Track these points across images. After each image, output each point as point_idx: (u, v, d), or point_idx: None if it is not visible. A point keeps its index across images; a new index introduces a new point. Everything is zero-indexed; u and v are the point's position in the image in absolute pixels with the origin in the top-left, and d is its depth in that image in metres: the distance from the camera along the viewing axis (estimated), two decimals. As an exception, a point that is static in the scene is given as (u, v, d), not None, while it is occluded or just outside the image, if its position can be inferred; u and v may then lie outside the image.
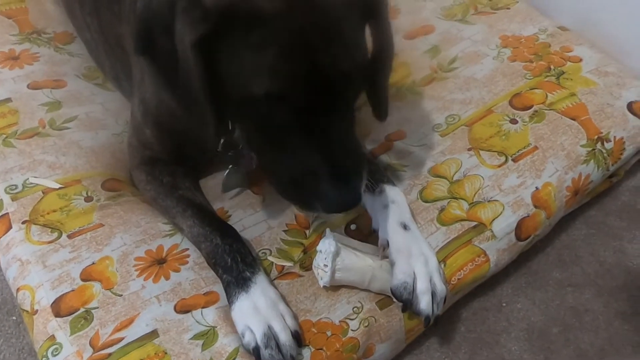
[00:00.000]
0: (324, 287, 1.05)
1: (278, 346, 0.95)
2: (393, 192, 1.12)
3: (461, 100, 1.35)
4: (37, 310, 1.02)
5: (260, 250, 1.11)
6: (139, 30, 0.90)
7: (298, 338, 0.98)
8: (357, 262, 1.04)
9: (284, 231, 1.15)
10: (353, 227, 1.15)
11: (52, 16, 1.62)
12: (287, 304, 1.02)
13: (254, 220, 1.17)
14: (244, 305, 0.99)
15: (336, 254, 1.02)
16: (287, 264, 1.10)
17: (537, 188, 1.19)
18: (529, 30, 1.51)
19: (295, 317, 1.01)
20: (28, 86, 1.40)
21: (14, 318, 1.22)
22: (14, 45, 1.51)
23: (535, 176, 1.21)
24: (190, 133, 1.05)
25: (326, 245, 1.03)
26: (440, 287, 1.03)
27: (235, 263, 1.03)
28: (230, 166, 1.17)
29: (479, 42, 1.49)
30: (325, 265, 1.03)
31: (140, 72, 1.14)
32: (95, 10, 1.35)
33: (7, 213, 1.14)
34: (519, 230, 1.17)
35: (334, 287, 1.05)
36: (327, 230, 1.07)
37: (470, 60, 1.45)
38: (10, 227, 1.12)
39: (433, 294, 1.02)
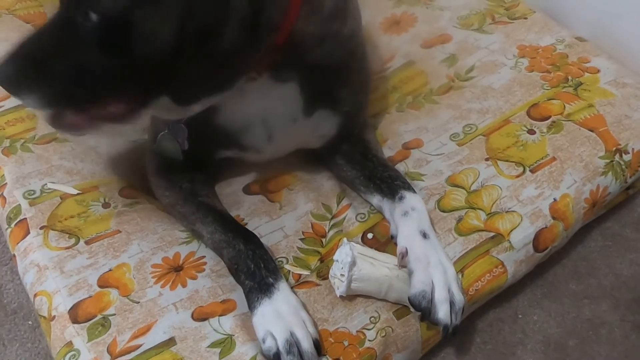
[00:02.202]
0: (341, 296, 1.05)
1: (300, 353, 0.95)
2: (413, 200, 1.12)
3: (478, 110, 1.35)
4: (54, 316, 1.02)
5: (277, 259, 1.11)
6: None
7: (318, 346, 0.97)
8: (374, 272, 1.03)
9: (301, 239, 1.15)
10: (370, 235, 1.15)
11: (69, 21, 1.63)
12: (307, 311, 1.02)
13: (271, 228, 1.17)
14: (266, 311, 0.98)
15: (353, 263, 1.02)
16: (304, 272, 1.09)
17: (555, 199, 1.19)
18: (547, 41, 1.51)
19: (315, 325, 1.00)
20: (46, 91, 1.41)
21: (30, 323, 1.22)
22: (32, 50, 1.51)
23: (553, 187, 1.20)
24: None
25: (343, 255, 1.03)
26: (459, 297, 1.03)
27: (258, 269, 1.03)
28: (166, 131, 1.15)
29: (496, 51, 1.49)
30: (342, 275, 1.03)
31: None
32: None
33: (25, 218, 1.15)
34: (537, 241, 1.16)
35: (351, 296, 1.05)
36: (344, 239, 1.07)
37: (488, 70, 1.44)
38: (28, 232, 1.13)
39: (451, 304, 1.01)
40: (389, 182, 1.16)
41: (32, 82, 0.93)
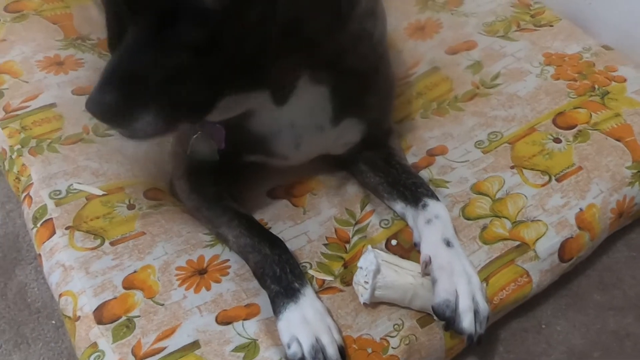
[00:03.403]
0: (364, 303, 1.04)
1: (325, 359, 0.94)
2: (437, 207, 1.11)
3: (504, 118, 1.34)
4: (79, 317, 1.03)
5: (300, 264, 1.10)
6: None
7: (343, 353, 0.97)
8: (398, 279, 1.03)
9: (324, 245, 1.15)
10: (394, 242, 1.14)
11: (96, 22, 1.64)
12: (333, 318, 1.01)
13: (294, 232, 1.17)
14: (292, 316, 0.98)
15: (377, 271, 1.01)
16: (328, 278, 1.09)
17: (581, 209, 1.18)
18: (573, 49, 1.50)
19: (340, 331, 1.00)
20: (72, 92, 1.42)
21: (53, 322, 1.23)
22: (59, 50, 1.53)
23: (579, 197, 1.19)
24: None
25: (367, 262, 1.03)
26: (483, 306, 1.02)
27: (284, 274, 1.03)
28: (200, 132, 1.12)
29: (522, 59, 1.48)
30: (366, 282, 1.02)
31: None
32: None
33: (52, 218, 1.16)
34: (563, 251, 1.15)
35: (375, 303, 1.05)
36: (369, 246, 1.07)
37: (513, 77, 1.43)
38: (54, 233, 1.14)
39: (475, 313, 1.01)
40: (412, 189, 1.16)
41: (139, 106, 0.86)
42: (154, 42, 0.85)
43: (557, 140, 1.28)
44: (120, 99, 0.84)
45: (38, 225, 1.16)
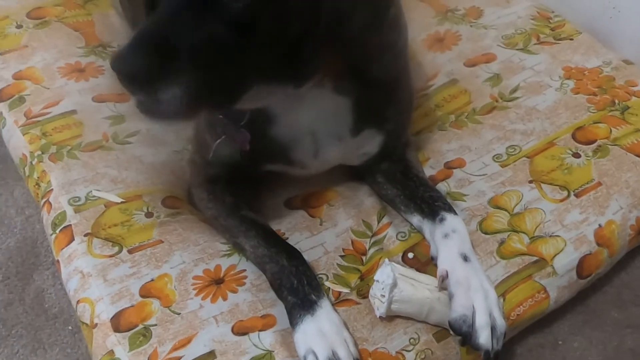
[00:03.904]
0: (380, 317, 1.04)
1: None
2: (454, 221, 1.11)
3: (522, 131, 1.34)
4: (96, 324, 1.04)
5: (317, 275, 1.10)
6: None
7: (359, 367, 0.97)
8: (414, 294, 1.03)
9: (341, 256, 1.15)
10: (411, 255, 1.14)
11: (117, 29, 1.66)
12: (349, 330, 1.01)
13: (311, 243, 1.17)
14: (308, 328, 0.98)
15: (394, 285, 1.01)
16: (344, 290, 1.09)
17: (600, 225, 1.17)
18: (593, 63, 1.49)
19: (356, 345, 1.00)
20: (93, 99, 1.43)
21: (70, 328, 1.24)
22: (80, 57, 1.55)
23: (598, 213, 1.18)
24: None
25: (384, 276, 1.03)
26: (500, 322, 1.01)
27: (301, 285, 1.02)
28: (224, 137, 1.10)
29: (541, 72, 1.47)
30: (383, 296, 1.02)
31: None
32: None
33: (70, 225, 1.17)
34: (581, 267, 1.14)
35: (391, 316, 1.04)
36: (386, 260, 1.07)
37: (533, 91, 1.43)
38: (72, 239, 1.15)
39: (493, 329, 1.00)
40: (429, 202, 1.15)
41: (169, 74, 0.80)
42: (194, 10, 0.81)
43: (576, 155, 1.27)
44: (151, 63, 0.79)
45: (57, 231, 1.17)
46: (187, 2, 0.81)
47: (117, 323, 1.02)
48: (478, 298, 1.01)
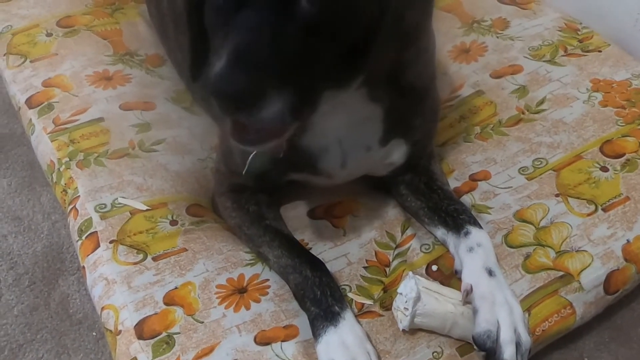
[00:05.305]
0: (403, 330, 1.03)
1: None
2: (479, 235, 1.10)
3: (549, 144, 1.32)
4: (120, 331, 1.04)
5: (340, 286, 1.10)
6: None
7: (381, 380, 0.97)
8: (438, 307, 1.02)
9: (364, 267, 1.15)
10: (434, 268, 1.13)
11: (144, 38, 1.68)
12: (372, 343, 1.01)
13: (334, 254, 1.17)
14: (331, 340, 0.98)
15: (417, 298, 1.00)
16: (367, 302, 1.09)
17: (628, 241, 1.15)
18: (621, 75, 1.47)
19: (379, 357, 0.99)
20: (120, 107, 1.45)
21: (94, 334, 1.25)
22: (108, 65, 1.57)
23: (626, 228, 1.17)
24: None
25: (407, 289, 1.02)
26: (525, 338, 1.00)
27: (324, 296, 1.02)
28: (256, 151, 1.08)
29: (568, 84, 1.46)
30: (406, 309, 1.01)
31: None
32: None
33: (96, 231, 1.18)
34: (608, 283, 1.12)
35: (414, 329, 1.04)
36: (410, 272, 1.06)
37: (560, 103, 1.41)
38: (98, 246, 1.16)
39: (517, 345, 0.98)
40: (454, 215, 1.14)
41: (271, 90, 0.79)
42: (275, 20, 0.79)
43: (604, 169, 1.26)
44: (253, 80, 0.76)
45: (83, 237, 1.19)
46: (267, 13, 0.79)
47: (141, 330, 1.03)
48: (503, 313, 1.00)
